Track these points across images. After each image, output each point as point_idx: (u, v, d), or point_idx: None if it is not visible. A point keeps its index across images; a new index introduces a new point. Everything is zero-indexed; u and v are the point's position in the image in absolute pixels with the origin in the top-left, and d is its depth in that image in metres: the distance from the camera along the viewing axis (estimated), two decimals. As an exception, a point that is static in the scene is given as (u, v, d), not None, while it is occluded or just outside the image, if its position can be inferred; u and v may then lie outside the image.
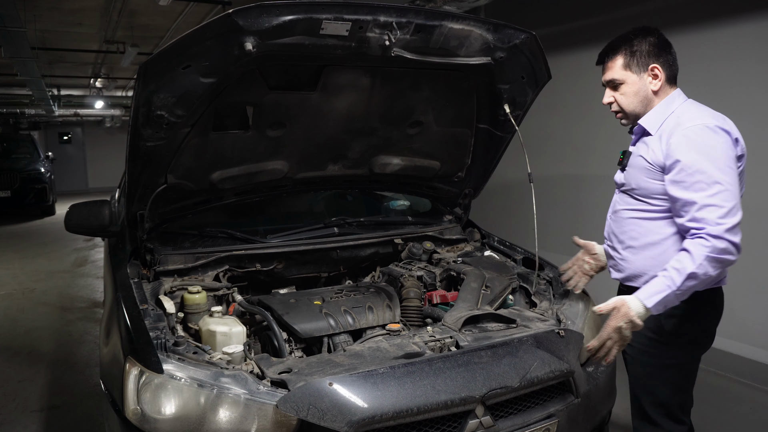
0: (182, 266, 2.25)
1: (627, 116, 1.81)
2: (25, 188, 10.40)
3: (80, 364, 3.80)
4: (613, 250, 1.89)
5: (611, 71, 1.78)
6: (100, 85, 12.94)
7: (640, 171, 1.74)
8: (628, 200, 1.81)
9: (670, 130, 1.68)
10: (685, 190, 1.61)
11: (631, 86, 1.76)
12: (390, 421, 1.50)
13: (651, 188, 1.73)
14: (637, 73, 1.74)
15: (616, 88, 1.80)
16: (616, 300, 1.66)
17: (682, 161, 1.61)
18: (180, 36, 1.71)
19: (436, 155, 2.66)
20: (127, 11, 6.46)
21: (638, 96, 1.76)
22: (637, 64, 1.74)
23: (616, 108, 1.82)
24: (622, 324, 1.62)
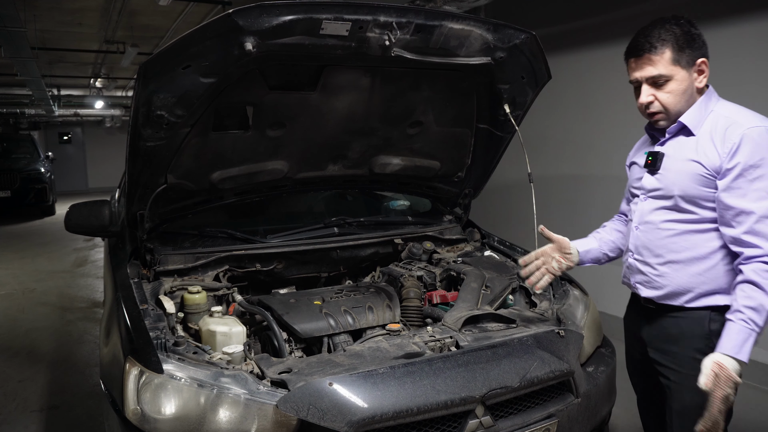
0: (182, 266, 2.25)
1: (669, 117, 1.59)
2: (25, 188, 10.40)
3: (80, 364, 3.80)
4: (643, 265, 1.67)
5: (656, 66, 1.54)
6: (100, 85, 12.95)
7: (689, 176, 1.54)
8: (666, 208, 1.60)
9: (723, 131, 1.51)
10: (742, 198, 1.46)
11: (679, 83, 1.55)
12: (390, 421, 1.50)
13: (701, 195, 1.53)
14: (687, 69, 1.54)
15: (659, 86, 1.56)
16: (710, 365, 1.43)
17: (743, 165, 1.45)
18: (180, 36, 1.71)
19: (436, 155, 2.66)
20: (127, 11, 6.46)
21: (686, 94, 1.56)
22: (687, 58, 1.54)
23: (657, 108, 1.58)
24: (729, 391, 1.40)
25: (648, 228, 1.65)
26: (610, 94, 4.13)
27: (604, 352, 2.12)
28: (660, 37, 1.53)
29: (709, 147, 1.52)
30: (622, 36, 4.04)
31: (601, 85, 4.21)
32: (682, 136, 1.60)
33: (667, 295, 1.62)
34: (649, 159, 1.65)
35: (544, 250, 1.90)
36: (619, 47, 4.44)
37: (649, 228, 1.64)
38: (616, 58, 4.23)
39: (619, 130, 4.04)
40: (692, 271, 1.57)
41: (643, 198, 1.67)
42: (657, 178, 1.62)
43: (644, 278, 1.67)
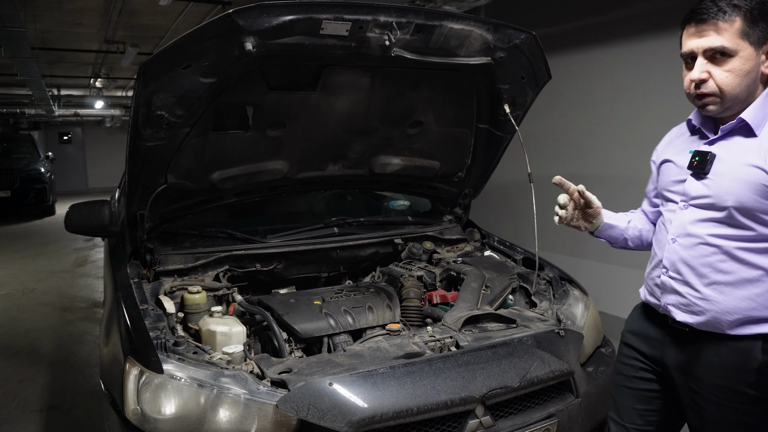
0: (182, 266, 2.25)
1: (723, 103, 1.33)
2: (25, 188, 10.40)
3: (80, 364, 3.80)
4: (682, 285, 1.42)
5: (721, 36, 1.29)
6: (100, 85, 12.95)
7: (749, 185, 1.29)
8: (716, 221, 1.36)
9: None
10: None
11: (744, 62, 1.29)
12: (390, 421, 1.50)
13: (761, 209, 1.30)
14: (756, 47, 1.29)
15: (718, 61, 1.31)
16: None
17: None
18: (180, 36, 1.71)
19: (436, 155, 2.66)
20: (127, 11, 6.46)
21: (748, 78, 1.30)
22: (759, 34, 1.29)
23: (711, 88, 1.33)
24: None
25: (689, 242, 1.40)
26: (610, 94, 4.13)
27: (604, 352, 2.12)
28: (733, 2, 1.28)
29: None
30: (622, 36, 4.04)
31: (602, 84, 4.21)
32: (740, 136, 1.35)
33: (709, 321, 1.38)
34: (695, 159, 1.39)
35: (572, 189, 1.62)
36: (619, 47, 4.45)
37: (691, 243, 1.39)
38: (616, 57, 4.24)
39: (619, 130, 4.04)
40: (741, 295, 1.34)
41: (684, 206, 1.42)
42: (705, 183, 1.37)
43: (681, 300, 1.42)
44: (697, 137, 1.47)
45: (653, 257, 1.54)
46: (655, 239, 1.56)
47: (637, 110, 3.88)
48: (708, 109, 1.37)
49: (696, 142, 1.46)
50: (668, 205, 1.49)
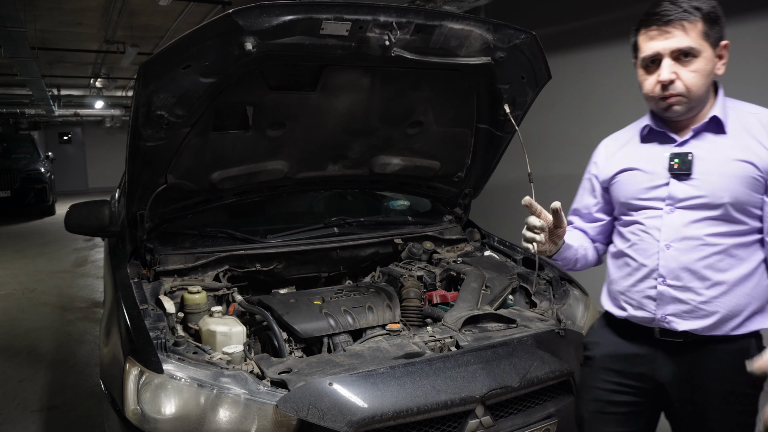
0: (182, 266, 2.25)
1: (689, 102, 1.34)
2: (25, 188, 10.40)
3: (80, 364, 3.80)
4: (684, 292, 1.37)
5: (687, 37, 1.30)
6: (100, 85, 12.95)
7: (740, 180, 1.31)
8: (712, 219, 1.35)
9: (759, 126, 1.34)
10: None
11: (707, 62, 1.31)
12: (390, 421, 1.50)
13: (752, 202, 1.32)
14: (713, 48, 1.32)
15: (683, 62, 1.32)
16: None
17: None
18: (180, 36, 1.71)
19: (436, 155, 2.66)
20: (127, 11, 6.46)
21: (710, 77, 1.34)
22: (715, 35, 1.32)
23: (679, 89, 1.33)
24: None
25: (688, 245, 1.36)
26: (610, 94, 4.13)
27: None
28: (692, 4, 1.30)
29: (754, 145, 1.32)
30: (622, 36, 4.03)
31: (601, 85, 4.21)
32: (711, 134, 1.37)
33: (716, 324, 1.35)
34: (675, 162, 1.37)
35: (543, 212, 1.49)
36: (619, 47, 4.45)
37: (691, 245, 1.35)
38: (616, 58, 4.24)
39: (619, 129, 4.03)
40: (742, 292, 1.34)
41: (670, 210, 1.38)
42: (692, 184, 1.35)
43: (685, 308, 1.36)
44: (656, 142, 1.45)
45: (636, 269, 1.44)
46: (634, 250, 1.46)
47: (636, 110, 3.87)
48: (674, 110, 1.36)
49: (656, 146, 1.45)
50: (643, 213, 1.44)
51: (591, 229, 1.65)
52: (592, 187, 1.62)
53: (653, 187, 1.42)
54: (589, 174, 1.63)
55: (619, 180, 1.50)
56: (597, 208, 1.61)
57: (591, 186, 1.62)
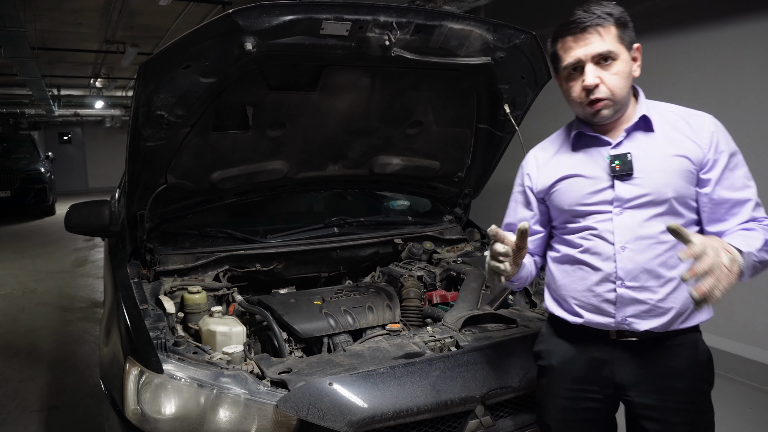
0: (182, 266, 2.25)
1: (614, 105, 1.38)
2: (25, 188, 10.41)
3: (80, 364, 3.80)
4: (641, 292, 1.37)
5: (604, 41, 1.35)
6: (100, 85, 12.95)
7: (680, 174, 1.35)
8: (660, 215, 1.37)
9: (684, 122, 1.39)
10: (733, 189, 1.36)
11: (625, 65, 1.36)
12: (390, 421, 1.50)
13: (690, 194, 1.37)
14: (627, 51, 1.38)
15: (604, 66, 1.36)
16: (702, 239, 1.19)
17: (727, 154, 1.36)
18: (180, 36, 1.71)
19: (436, 155, 2.66)
20: (127, 11, 6.46)
21: (629, 79, 1.38)
22: (628, 38, 1.38)
23: (604, 92, 1.36)
24: (719, 247, 1.17)
25: (643, 245, 1.37)
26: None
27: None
28: (604, 10, 1.36)
29: (683, 140, 1.37)
30: (622, 36, 4.04)
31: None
32: (641, 133, 1.41)
33: (671, 320, 1.38)
34: (615, 164, 1.39)
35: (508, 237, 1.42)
36: (619, 47, 4.38)
37: (645, 245, 1.36)
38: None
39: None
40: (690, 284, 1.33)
41: (619, 212, 1.39)
42: (636, 183, 1.37)
43: (643, 308, 1.38)
44: (590, 147, 1.46)
45: (591, 274, 1.43)
46: (588, 255, 1.43)
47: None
48: (602, 114, 1.39)
49: (591, 151, 1.45)
50: (592, 218, 1.42)
51: (530, 242, 1.57)
52: (527, 200, 1.59)
53: (597, 191, 1.42)
54: (520, 187, 1.61)
55: (558, 189, 1.49)
56: (534, 221, 1.59)
57: (525, 199, 1.60)
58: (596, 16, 1.35)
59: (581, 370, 1.48)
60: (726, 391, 3.30)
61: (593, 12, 1.36)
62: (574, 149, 1.49)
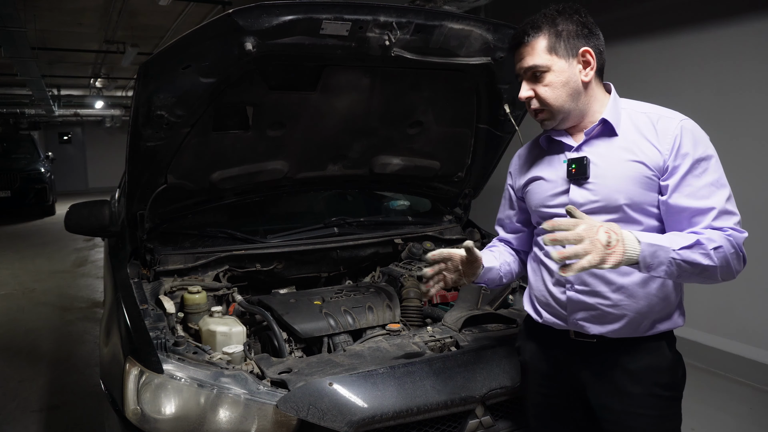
0: (182, 266, 2.25)
1: (553, 115, 1.40)
2: (25, 188, 10.41)
3: (80, 364, 3.80)
4: (591, 296, 1.38)
5: (532, 56, 1.37)
6: (100, 85, 12.96)
7: (634, 180, 1.33)
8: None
9: (652, 126, 1.34)
10: (695, 197, 1.29)
11: (558, 74, 1.36)
12: (390, 421, 1.50)
13: (647, 201, 1.34)
14: (565, 58, 1.36)
15: (537, 79, 1.38)
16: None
17: (691, 160, 1.29)
18: (180, 36, 1.71)
19: (436, 155, 2.66)
20: (127, 11, 6.47)
21: (567, 87, 1.37)
22: (565, 47, 1.36)
23: (537, 105, 1.40)
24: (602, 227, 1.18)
25: None
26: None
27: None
28: (535, 24, 1.38)
29: (645, 145, 1.33)
30: (622, 36, 4.04)
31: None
32: (603, 137, 1.39)
33: (625, 327, 1.36)
34: (572, 168, 1.39)
35: (454, 255, 1.52)
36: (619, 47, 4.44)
37: None
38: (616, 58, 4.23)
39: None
40: (647, 293, 1.35)
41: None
42: (589, 188, 1.37)
43: (594, 313, 1.38)
44: (556, 150, 1.47)
45: (547, 275, 1.46)
46: (544, 256, 1.47)
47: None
48: (545, 124, 1.43)
49: (557, 155, 1.47)
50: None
51: (514, 239, 1.70)
52: (510, 198, 1.67)
53: (556, 194, 1.44)
54: (506, 185, 1.68)
55: (529, 189, 1.53)
56: (516, 218, 1.66)
57: (509, 196, 1.67)
58: (524, 32, 1.39)
59: (547, 367, 1.52)
60: (726, 391, 3.31)
61: (524, 27, 1.39)
62: (546, 152, 1.51)
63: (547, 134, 1.49)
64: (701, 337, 3.63)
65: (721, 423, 2.94)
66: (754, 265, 3.31)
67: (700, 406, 3.04)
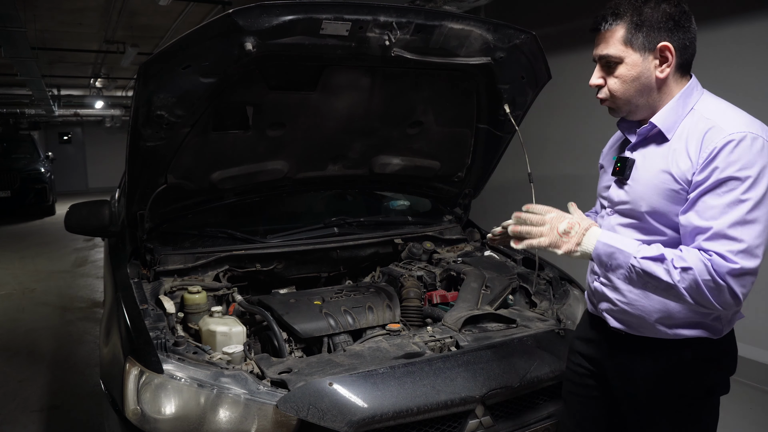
0: (182, 266, 2.25)
1: (618, 108, 1.37)
2: (25, 188, 10.40)
3: (80, 364, 3.80)
4: (611, 291, 1.41)
5: (606, 45, 1.32)
6: (100, 85, 12.95)
7: (659, 190, 1.29)
8: (634, 227, 1.36)
9: (701, 135, 1.24)
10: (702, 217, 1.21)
11: (630, 68, 1.31)
12: (390, 421, 1.50)
13: (674, 212, 1.28)
14: (641, 52, 1.29)
15: (610, 69, 1.34)
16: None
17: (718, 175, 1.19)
18: (180, 36, 1.71)
19: (436, 155, 2.66)
20: (127, 11, 6.46)
21: (637, 83, 1.31)
22: (644, 39, 1.28)
23: (604, 94, 1.37)
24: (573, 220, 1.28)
25: None
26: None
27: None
28: (618, 10, 1.31)
29: (682, 155, 1.27)
30: (622, 36, 4.04)
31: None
32: (655, 142, 1.35)
33: (641, 326, 1.37)
34: (617, 166, 1.40)
35: None
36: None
37: None
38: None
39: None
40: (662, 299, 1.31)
41: (610, 212, 1.43)
42: (625, 190, 1.37)
43: (613, 307, 1.41)
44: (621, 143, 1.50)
45: (591, 264, 1.47)
46: None
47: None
48: (611, 113, 1.42)
49: (618, 145, 1.51)
50: (602, 211, 1.50)
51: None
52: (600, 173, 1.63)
53: (605, 187, 1.48)
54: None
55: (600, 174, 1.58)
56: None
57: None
58: (603, 19, 1.33)
59: (585, 347, 1.56)
60: (726, 391, 3.31)
61: (604, 13, 1.33)
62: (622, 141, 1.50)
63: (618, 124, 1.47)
64: (701, 337, 3.62)
65: (721, 423, 2.93)
66: (754, 265, 3.31)
67: (700, 406, 3.03)
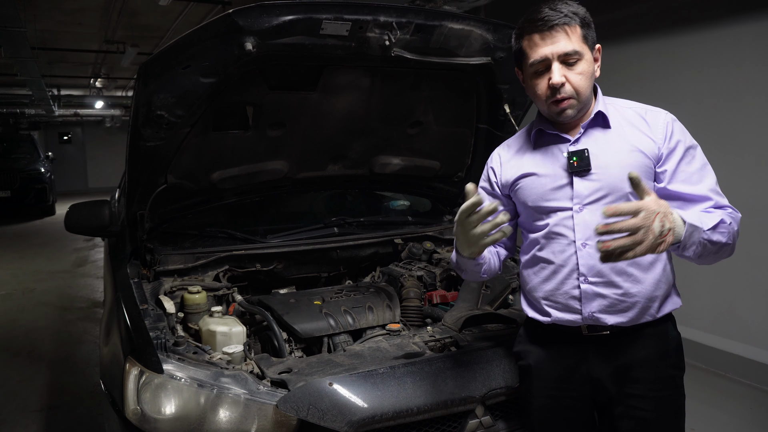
0: (182, 266, 2.25)
1: (579, 103, 1.39)
2: (25, 188, 10.42)
3: (80, 364, 3.80)
4: (605, 287, 1.39)
5: (570, 41, 1.35)
6: (100, 85, 12.96)
7: (637, 168, 1.35)
8: None
9: (640, 118, 1.41)
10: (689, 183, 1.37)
11: (588, 65, 1.38)
12: (390, 421, 1.50)
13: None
14: (590, 50, 1.40)
15: (570, 66, 1.36)
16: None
17: (683, 148, 1.38)
18: (180, 36, 1.71)
19: (436, 155, 2.66)
20: (127, 11, 6.47)
21: (591, 79, 1.40)
22: (592, 39, 1.39)
23: (569, 91, 1.36)
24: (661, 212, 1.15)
25: None
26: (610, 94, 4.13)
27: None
28: (570, 9, 1.36)
29: (639, 135, 1.39)
30: (621, 36, 4.04)
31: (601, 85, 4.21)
32: (598, 130, 1.43)
33: (638, 314, 1.39)
34: (573, 160, 1.40)
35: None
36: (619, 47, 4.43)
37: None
38: (616, 58, 4.23)
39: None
40: (653, 278, 1.39)
41: (579, 209, 1.40)
42: (594, 179, 1.38)
43: (608, 303, 1.39)
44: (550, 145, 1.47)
45: (556, 272, 1.44)
46: (551, 253, 1.45)
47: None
48: (567, 114, 1.39)
49: (551, 148, 1.46)
50: (555, 216, 1.43)
51: None
52: (491, 194, 1.60)
53: (557, 188, 1.43)
54: (484, 182, 1.62)
55: (520, 186, 1.50)
56: None
57: (491, 191, 1.60)
58: (563, 15, 1.34)
59: (558, 369, 1.49)
60: (726, 391, 3.31)
61: (560, 11, 1.35)
62: (535, 147, 1.50)
63: (539, 128, 1.49)
64: (701, 337, 3.63)
65: (721, 423, 2.94)
66: (754, 264, 3.31)
67: (700, 406, 3.03)
